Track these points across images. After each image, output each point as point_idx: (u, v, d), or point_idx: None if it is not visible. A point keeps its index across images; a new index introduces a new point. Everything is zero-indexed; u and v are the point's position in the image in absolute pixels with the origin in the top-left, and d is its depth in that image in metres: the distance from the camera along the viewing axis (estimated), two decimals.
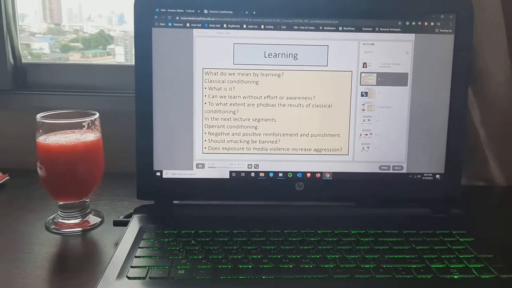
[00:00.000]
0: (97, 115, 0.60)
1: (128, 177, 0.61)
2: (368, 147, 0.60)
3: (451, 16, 0.58)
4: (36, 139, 0.58)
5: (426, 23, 0.59)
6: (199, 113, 0.59)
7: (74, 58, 1.00)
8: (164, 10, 0.57)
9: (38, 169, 0.59)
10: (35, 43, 0.97)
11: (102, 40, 1.00)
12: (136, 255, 0.48)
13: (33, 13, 0.91)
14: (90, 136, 0.58)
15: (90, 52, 1.00)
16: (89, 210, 0.61)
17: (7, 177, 0.75)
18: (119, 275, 0.45)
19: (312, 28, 0.58)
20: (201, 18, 0.58)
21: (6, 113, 0.83)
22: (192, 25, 0.58)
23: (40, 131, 0.58)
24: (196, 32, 0.58)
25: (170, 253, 0.49)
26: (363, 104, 0.60)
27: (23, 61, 0.87)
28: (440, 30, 0.59)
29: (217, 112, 0.59)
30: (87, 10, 0.99)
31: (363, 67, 0.59)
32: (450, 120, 0.60)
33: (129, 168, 0.60)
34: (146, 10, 0.57)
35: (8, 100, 0.83)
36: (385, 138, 0.60)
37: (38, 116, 0.58)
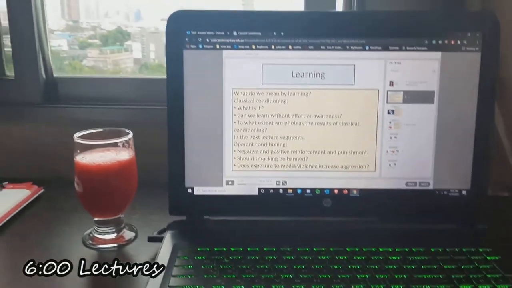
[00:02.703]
0: (131, 134, 0.62)
1: (159, 189, 0.62)
2: (395, 163, 0.61)
3: (477, 35, 0.59)
4: (74, 158, 0.60)
5: (452, 42, 0.59)
6: (228, 131, 0.61)
7: (92, 54, 1.02)
8: (194, 32, 0.59)
9: (75, 185, 0.61)
10: (53, 40, 0.99)
11: (120, 36, 1.02)
12: (173, 274, 0.50)
13: (51, 10, 0.93)
14: (124, 155, 0.61)
15: (108, 48, 1.01)
16: (123, 225, 0.64)
17: (42, 190, 0.77)
18: None
19: (339, 47, 0.59)
20: (230, 40, 0.59)
21: (38, 126, 0.86)
22: (221, 46, 0.59)
23: (78, 150, 0.60)
24: (225, 53, 0.59)
25: (204, 272, 0.51)
26: (390, 122, 0.61)
27: (54, 75, 0.90)
28: (467, 48, 0.59)
29: (246, 131, 0.61)
30: (104, 7, 1.01)
31: (390, 85, 0.60)
32: (476, 137, 0.60)
33: (160, 179, 0.62)
34: (178, 33, 0.59)
35: (41, 113, 0.86)
36: (411, 155, 0.61)
37: (75, 136, 0.60)
